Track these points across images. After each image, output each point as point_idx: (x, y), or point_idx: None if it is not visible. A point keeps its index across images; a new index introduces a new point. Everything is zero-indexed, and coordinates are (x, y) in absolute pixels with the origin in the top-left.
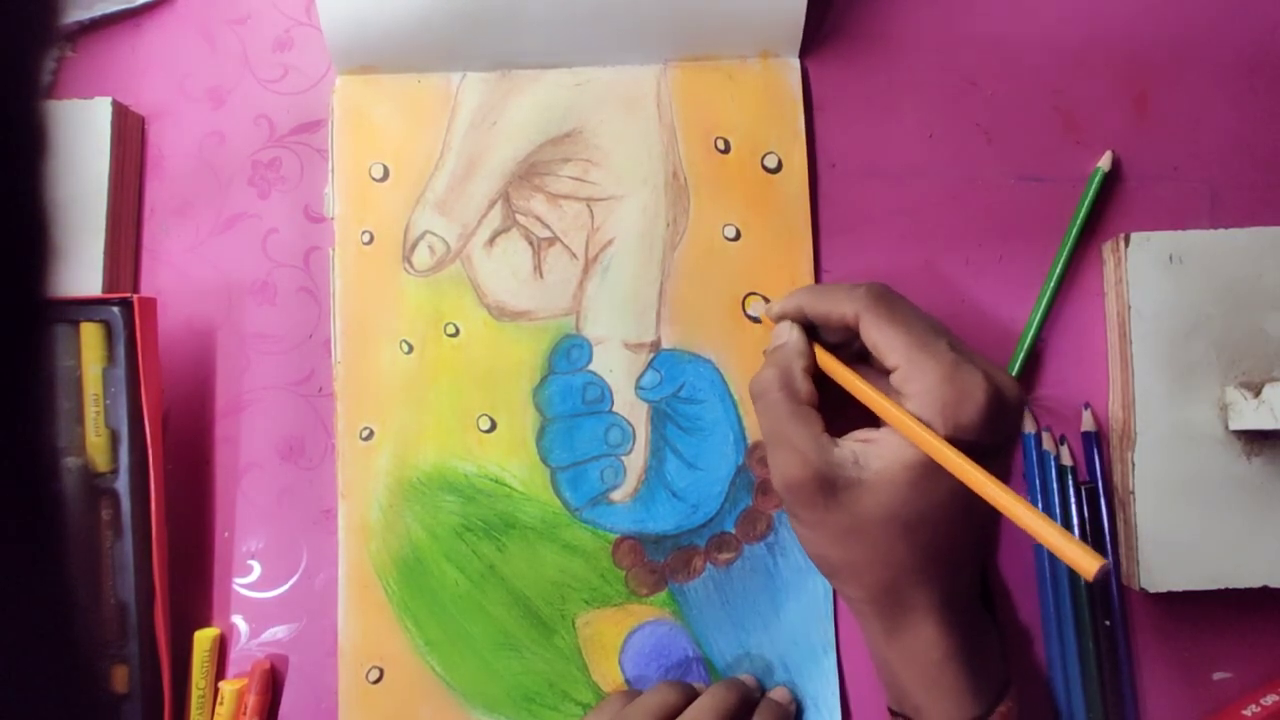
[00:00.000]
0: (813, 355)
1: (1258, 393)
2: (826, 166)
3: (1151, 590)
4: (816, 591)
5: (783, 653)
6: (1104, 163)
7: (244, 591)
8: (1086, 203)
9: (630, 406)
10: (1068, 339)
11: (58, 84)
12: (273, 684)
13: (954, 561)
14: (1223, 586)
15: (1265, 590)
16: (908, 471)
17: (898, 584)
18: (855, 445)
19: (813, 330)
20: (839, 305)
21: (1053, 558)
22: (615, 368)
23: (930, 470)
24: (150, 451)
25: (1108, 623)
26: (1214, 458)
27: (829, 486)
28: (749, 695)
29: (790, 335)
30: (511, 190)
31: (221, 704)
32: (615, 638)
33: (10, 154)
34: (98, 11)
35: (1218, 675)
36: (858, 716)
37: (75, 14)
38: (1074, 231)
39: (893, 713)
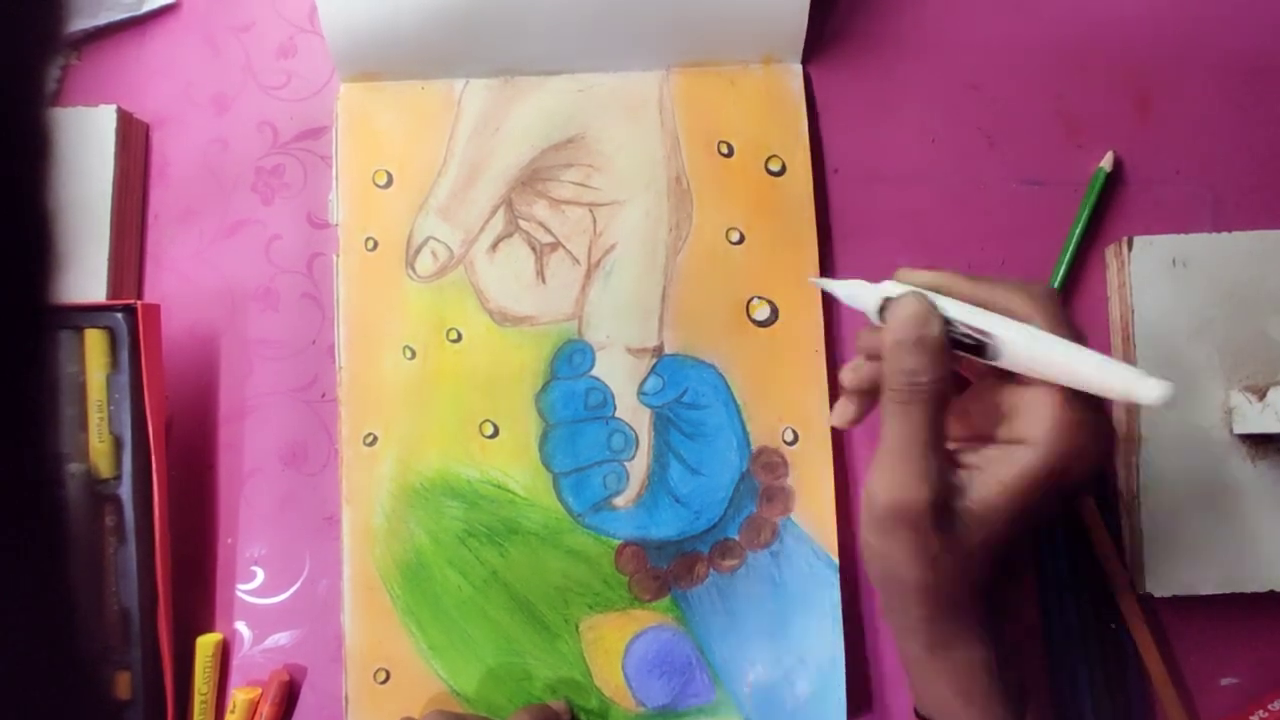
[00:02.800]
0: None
1: (1262, 396)
2: (830, 171)
3: (1157, 594)
4: (823, 601)
5: (788, 663)
6: (1106, 162)
7: (247, 597)
8: (1089, 202)
9: (633, 412)
10: None
11: (63, 91)
12: (287, 696)
13: (997, 577)
14: (1229, 591)
15: (1272, 595)
16: (1010, 500)
17: (955, 606)
18: (962, 472)
19: None
20: (1007, 299)
21: (1057, 559)
22: (618, 373)
23: (1028, 498)
24: (153, 457)
25: (1113, 626)
26: (1219, 461)
27: (941, 512)
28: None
29: (935, 325)
30: (514, 196)
31: (232, 712)
32: (618, 643)
33: (15, 160)
34: (103, 20)
35: (1225, 680)
36: None
37: (81, 22)
38: (1076, 234)
39: (920, 716)
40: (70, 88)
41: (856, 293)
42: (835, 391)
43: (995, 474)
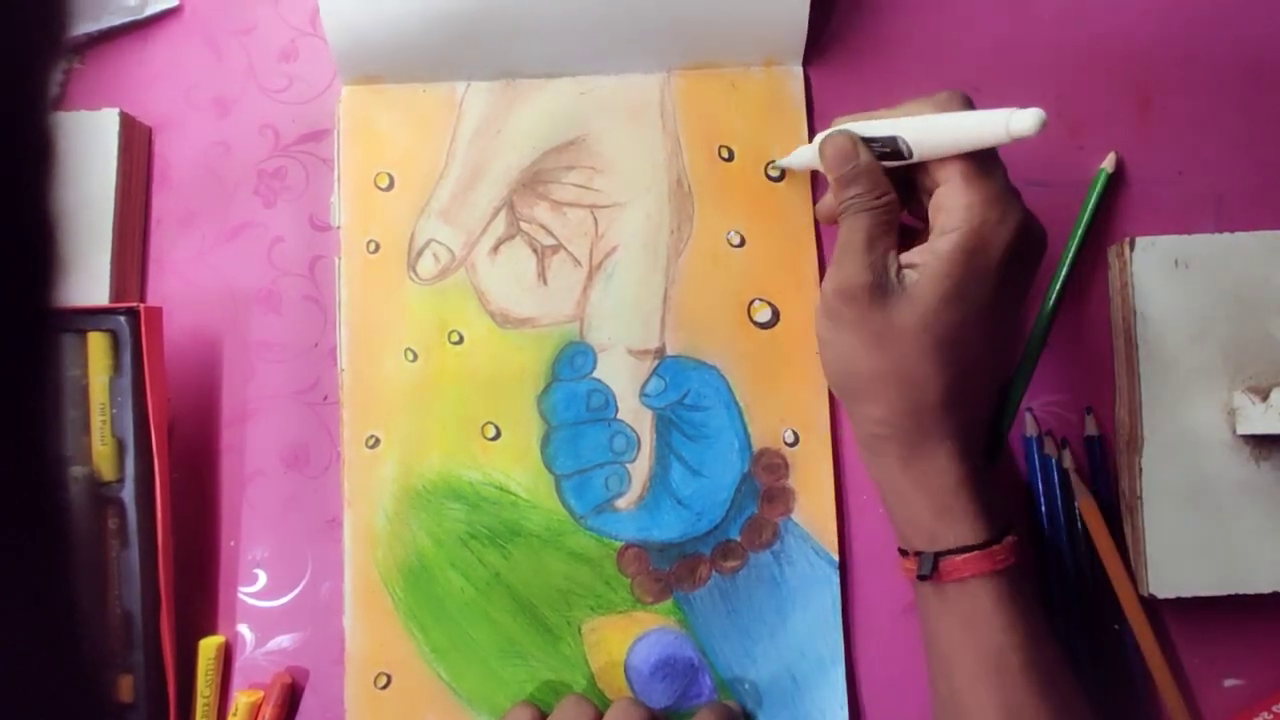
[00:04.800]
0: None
1: (1265, 397)
2: None
3: (1160, 596)
4: (824, 601)
5: (789, 663)
6: (1107, 163)
7: (249, 600)
8: (1091, 203)
9: (635, 414)
10: (1072, 343)
11: (65, 95)
12: (290, 698)
13: (974, 389)
14: (1232, 592)
15: (1275, 595)
16: (933, 282)
17: (920, 405)
18: (905, 267)
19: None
20: (918, 108)
21: (1060, 559)
22: (619, 375)
23: (961, 289)
24: (156, 460)
25: (1116, 627)
26: (1222, 462)
27: (878, 292)
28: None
29: (862, 153)
30: (516, 198)
31: (235, 715)
32: (620, 645)
33: (18, 165)
34: (105, 23)
35: (1229, 682)
36: None
37: (83, 26)
38: (1078, 235)
39: (903, 553)
40: (73, 91)
41: (803, 153)
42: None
43: (919, 260)
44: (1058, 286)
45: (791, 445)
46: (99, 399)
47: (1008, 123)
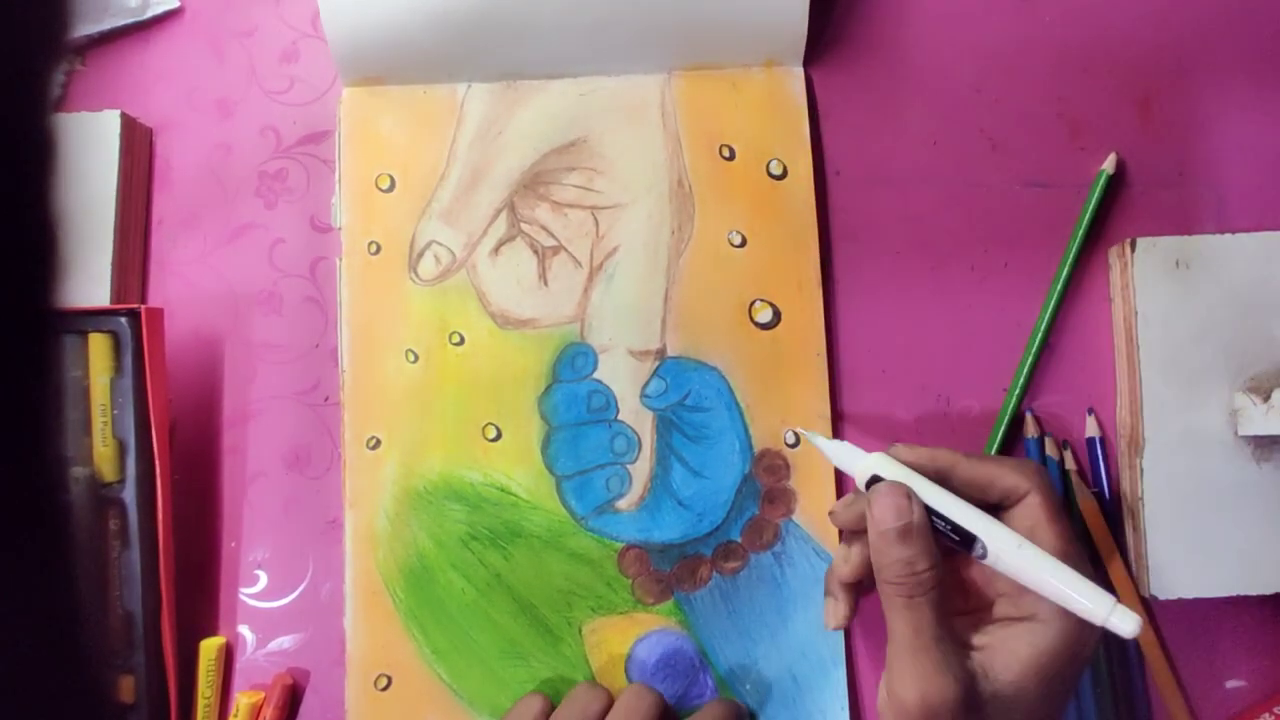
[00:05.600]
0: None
1: (1267, 398)
2: (831, 173)
3: (1162, 597)
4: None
5: (790, 664)
6: (1108, 165)
7: (250, 601)
8: (1092, 204)
9: (636, 415)
10: (1073, 345)
11: (67, 97)
12: (291, 699)
13: None
14: (1234, 594)
15: (1278, 597)
16: (1037, 679)
17: None
18: (976, 654)
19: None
20: (1006, 476)
21: None
22: (620, 376)
23: (1052, 673)
24: (157, 461)
25: None
26: (1223, 463)
27: (973, 702)
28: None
29: (918, 513)
30: (516, 199)
31: (235, 716)
32: (621, 646)
33: (19, 166)
34: (107, 25)
35: (1231, 683)
36: None
37: (85, 28)
38: (1079, 236)
39: None
40: (74, 93)
41: (844, 457)
42: (837, 393)
43: (1015, 652)
44: (1059, 287)
45: (793, 446)
46: (100, 400)
47: (1109, 616)
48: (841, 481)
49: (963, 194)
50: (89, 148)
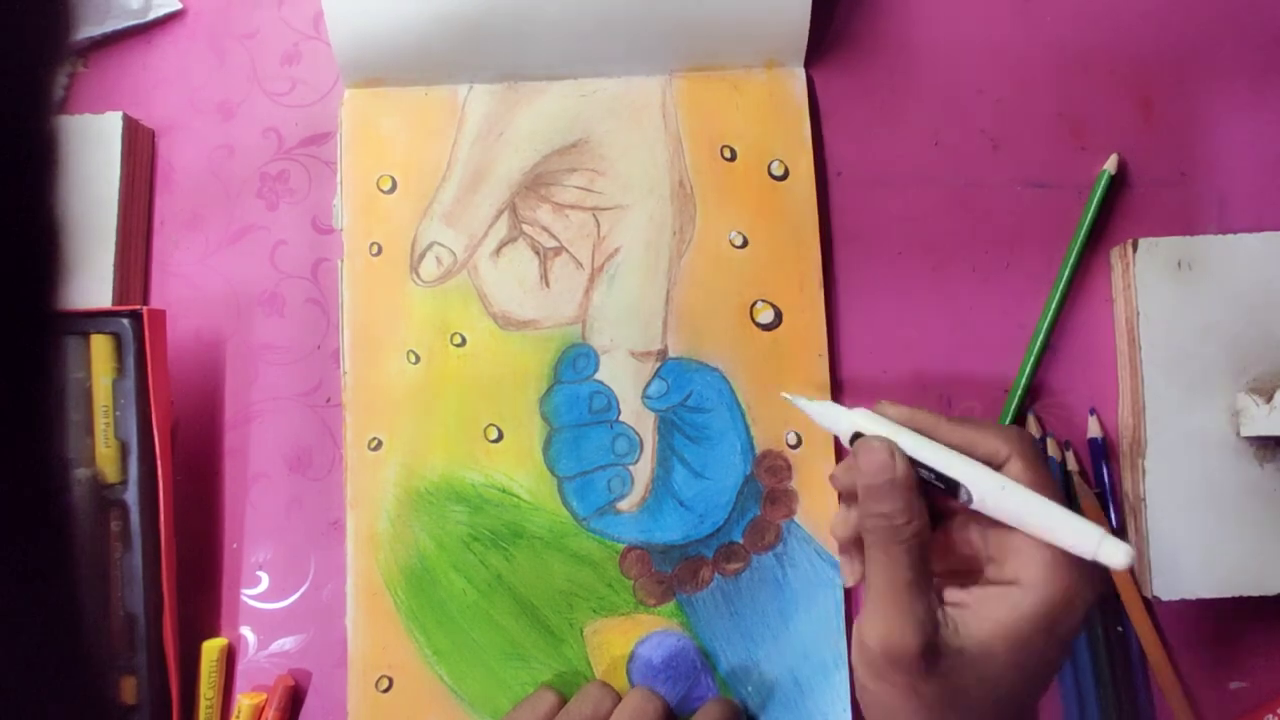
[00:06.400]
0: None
1: (1269, 398)
2: (833, 174)
3: (1165, 598)
4: (827, 604)
5: (792, 665)
6: (1110, 165)
7: (252, 602)
8: (1093, 205)
9: (637, 416)
10: (1075, 345)
11: (70, 99)
12: (292, 701)
13: None
14: (1237, 594)
15: None
16: (1007, 644)
17: None
18: (950, 609)
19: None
20: (986, 440)
21: None
22: (622, 377)
23: (1026, 641)
24: (159, 463)
25: (1120, 629)
26: (1226, 464)
27: (933, 655)
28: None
29: (900, 468)
30: (518, 201)
31: (237, 717)
32: (623, 647)
33: (22, 168)
34: (109, 27)
35: (1234, 684)
36: None
37: (87, 30)
38: (1081, 237)
39: None
40: (77, 95)
41: (829, 415)
42: (838, 394)
43: (989, 614)
44: (1060, 288)
45: (794, 447)
46: (102, 401)
47: (1098, 548)
48: None
49: (964, 194)
50: (91, 150)
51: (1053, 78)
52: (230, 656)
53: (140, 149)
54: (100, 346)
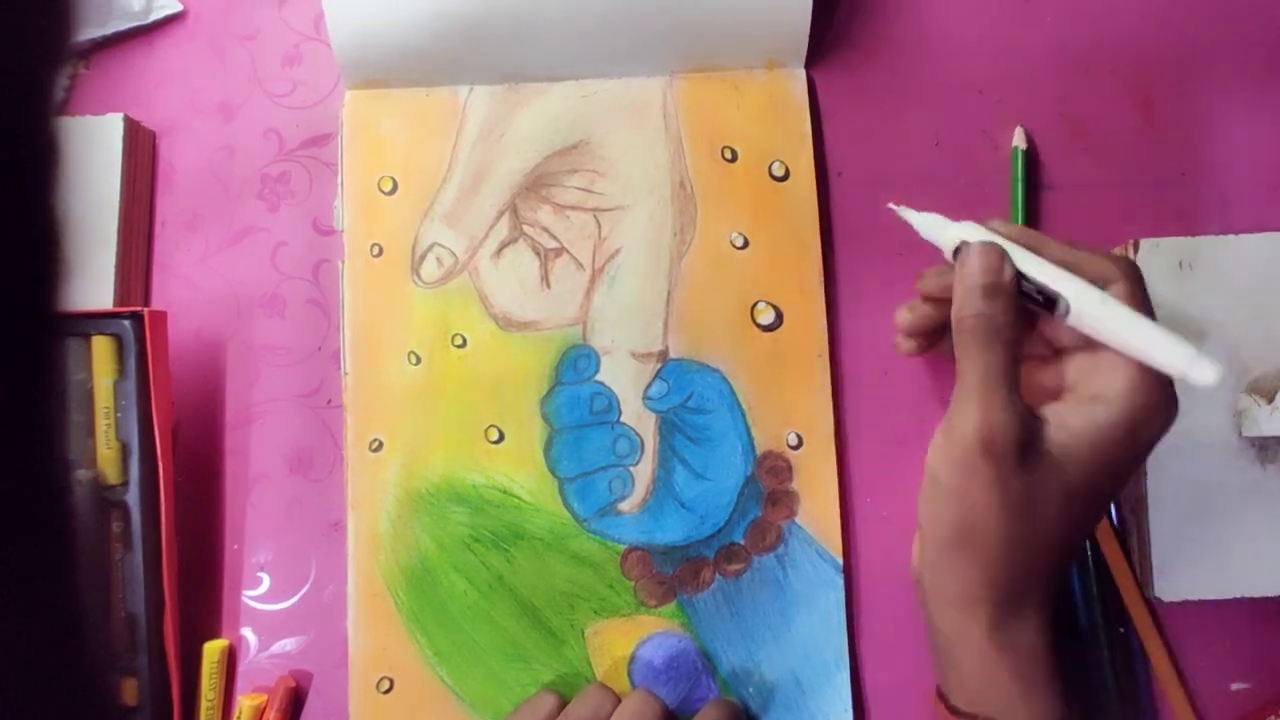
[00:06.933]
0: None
1: (1271, 399)
2: (834, 175)
3: (1166, 599)
4: (828, 604)
5: (794, 666)
6: (1018, 140)
7: (253, 604)
8: (1020, 185)
9: (638, 417)
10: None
11: (70, 100)
12: (293, 702)
13: (1074, 552)
14: (1239, 595)
15: None
16: (1091, 452)
17: (1034, 573)
18: (1038, 419)
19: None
20: (1095, 263)
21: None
22: (623, 378)
23: (1105, 453)
24: (160, 464)
25: (1122, 630)
26: (1227, 465)
27: (1027, 451)
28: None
29: (1007, 273)
30: (519, 202)
31: (238, 718)
32: (624, 648)
33: (23, 169)
34: (110, 29)
35: (1236, 686)
36: None
37: (88, 31)
38: (1019, 203)
39: (958, 712)
40: (78, 96)
41: (933, 227)
42: (839, 395)
43: (1071, 424)
44: None
45: (795, 448)
46: (103, 403)
47: (1189, 367)
48: (845, 485)
49: (965, 195)
50: (92, 151)
51: (1053, 78)
52: (231, 657)
53: (141, 150)
54: (101, 348)
